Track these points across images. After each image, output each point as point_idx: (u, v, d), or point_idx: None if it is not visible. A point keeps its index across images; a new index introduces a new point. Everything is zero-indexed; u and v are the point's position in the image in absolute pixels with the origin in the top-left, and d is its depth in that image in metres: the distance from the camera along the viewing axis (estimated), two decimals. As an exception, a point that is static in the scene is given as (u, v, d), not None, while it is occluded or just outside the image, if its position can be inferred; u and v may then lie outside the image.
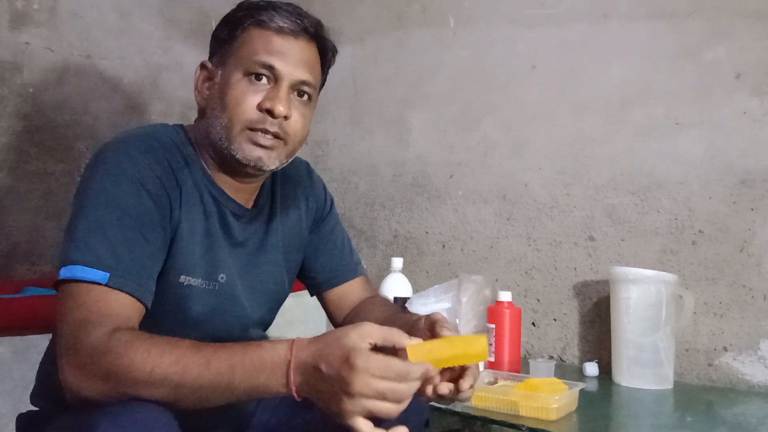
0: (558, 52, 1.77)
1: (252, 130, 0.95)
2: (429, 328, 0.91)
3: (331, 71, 1.09)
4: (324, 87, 1.08)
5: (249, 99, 0.95)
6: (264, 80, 0.96)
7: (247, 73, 0.96)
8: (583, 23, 1.73)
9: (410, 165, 2.05)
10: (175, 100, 2.00)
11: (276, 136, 0.96)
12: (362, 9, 2.17)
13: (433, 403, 1.12)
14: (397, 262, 1.69)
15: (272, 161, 0.97)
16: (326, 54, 1.04)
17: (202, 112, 1.01)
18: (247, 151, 0.95)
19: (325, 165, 2.25)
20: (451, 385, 0.84)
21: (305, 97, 1.00)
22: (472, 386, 0.86)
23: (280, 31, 0.96)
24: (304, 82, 0.98)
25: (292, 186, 1.15)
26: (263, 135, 0.95)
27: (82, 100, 1.81)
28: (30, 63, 1.70)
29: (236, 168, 0.99)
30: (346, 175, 2.21)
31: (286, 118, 0.96)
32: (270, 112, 0.94)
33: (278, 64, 0.95)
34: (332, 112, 2.23)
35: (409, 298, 1.63)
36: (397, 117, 2.09)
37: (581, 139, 1.72)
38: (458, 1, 1.96)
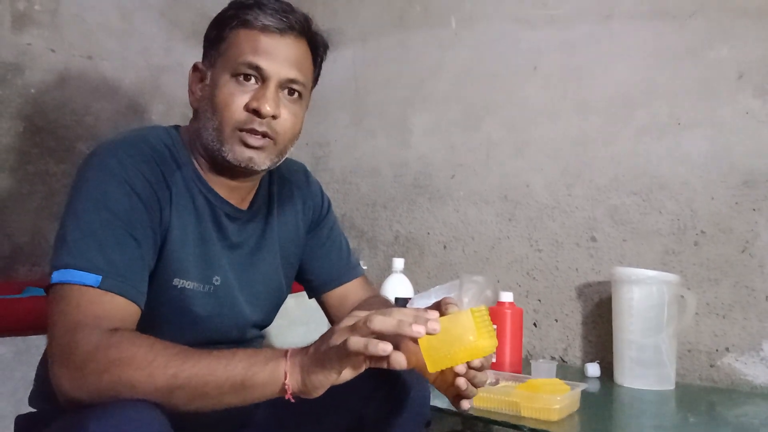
0: (560, 52, 1.77)
1: (241, 131, 0.95)
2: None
3: (332, 72, 1.09)
4: (325, 88, 1.07)
5: (237, 100, 0.95)
6: (252, 80, 0.96)
7: (235, 74, 0.96)
8: (585, 23, 1.73)
9: (412, 166, 2.05)
10: (176, 102, 2.00)
11: (265, 135, 0.96)
12: (364, 10, 2.17)
13: (434, 404, 1.13)
14: (399, 263, 1.69)
15: (263, 161, 0.98)
16: (317, 49, 1.04)
17: (195, 113, 1.02)
18: (237, 152, 0.96)
19: (326, 166, 2.25)
20: (463, 379, 0.82)
21: (295, 95, 1.00)
22: (482, 366, 0.83)
23: (265, 29, 0.96)
24: (292, 80, 0.98)
25: (289, 188, 1.15)
26: (252, 136, 0.95)
27: (83, 101, 1.81)
28: (31, 64, 1.71)
29: (229, 169, 0.99)
30: (347, 175, 2.21)
31: (274, 117, 0.96)
32: (257, 112, 0.94)
33: (265, 64, 0.95)
34: (334, 113, 2.23)
35: (410, 298, 1.63)
36: (398, 118, 2.09)
37: (583, 139, 1.72)
38: (459, 2, 1.96)
